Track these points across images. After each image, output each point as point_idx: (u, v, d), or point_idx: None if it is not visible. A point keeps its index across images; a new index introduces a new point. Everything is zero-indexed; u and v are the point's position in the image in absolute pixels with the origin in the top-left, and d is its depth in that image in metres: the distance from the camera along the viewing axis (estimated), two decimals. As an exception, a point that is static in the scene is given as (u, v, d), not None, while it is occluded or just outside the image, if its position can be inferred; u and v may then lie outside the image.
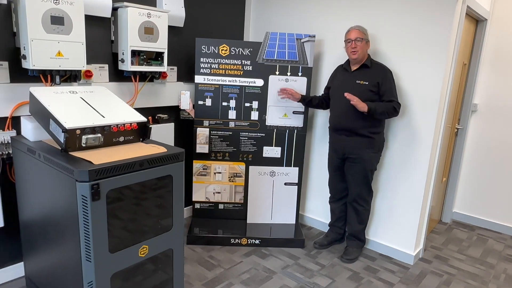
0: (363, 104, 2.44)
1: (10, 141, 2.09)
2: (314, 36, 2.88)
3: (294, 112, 2.98)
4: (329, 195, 2.97)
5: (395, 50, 2.68)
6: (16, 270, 2.31)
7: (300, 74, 2.93)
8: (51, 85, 2.15)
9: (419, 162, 2.68)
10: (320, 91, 3.10)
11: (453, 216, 3.73)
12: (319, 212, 3.31)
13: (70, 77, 2.24)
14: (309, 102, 2.90)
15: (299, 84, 2.93)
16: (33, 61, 1.96)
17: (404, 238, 2.83)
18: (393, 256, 2.88)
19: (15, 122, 2.14)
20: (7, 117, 2.10)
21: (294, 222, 3.15)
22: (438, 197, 3.41)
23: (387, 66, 2.60)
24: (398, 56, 2.67)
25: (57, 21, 2.01)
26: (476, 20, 3.21)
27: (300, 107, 2.96)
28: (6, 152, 2.11)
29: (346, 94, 2.45)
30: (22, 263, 2.29)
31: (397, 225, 2.85)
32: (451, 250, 3.10)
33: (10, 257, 2.29)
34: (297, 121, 3.00)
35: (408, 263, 2.81)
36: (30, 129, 1.93)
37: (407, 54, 2.63)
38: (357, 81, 2.56)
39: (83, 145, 1.73)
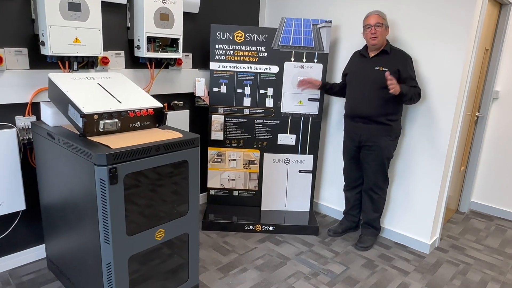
0: (398, 87, 2.34)
1: (30, 127, 2.14)
2: (330, 22, 2.83)
3: (309, 99, 2.95)
4: (344, 183, 2.95)
5: (414, 35, 2.61)
6: (38, 252, 2.39)
7: (315, 60, 2.89)
8: (69, 71, 2.18)
9: (437, 150, 2.63)
10: (337, 78, 3.06)
11: (471, 206, 3.66)
12: (334, 200, 3.30)
13: (87, 63, 2.27)
14: (330, 89, 2.86)
15: (314, 70, 2.90)
16: (51, 48, 1.99)
17: (420, 227, 2.80)
18: (408, 244, 2.86)
19: (35, 107, 2.19)
20: (27, 103, 2.15)
21: (308, 210, 3.15)
22: (455, 186, 3.35)
23: (407, 51, 2.54)
24: (417, 41, 2.60)
25: (74, 7, 2.02)
26: (500, 4, 3.09)
27: (316, 94, 2.93)
28: (27, 137, 2.17)
29: (387, 74, 2.32)
30: (44, 245, 2.36)
31: (413, 213, 2.82)
32: (468, 239, 3.06)
33: (32, 239, 2.36)
34: (312, 108, 2.97)
35: (424, 252, 2.78)
36: (49, 115, 1.97)
37: (426, 39, 2.56)
38: (376, 68, 2.50)
39: (101, 130, 1.76)
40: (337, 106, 3.12)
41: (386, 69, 2.46)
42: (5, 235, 2.23)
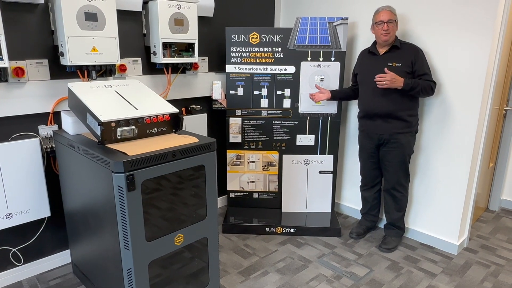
0: (398, 83, 2.34)
1: (52, 135, 2.20)
2: (347, 19, 2.77)
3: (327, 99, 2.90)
4: (360, 183, 2.89)
5: (432, 24, 2.51)
6: (63, 257, 2.45)
7: (333, 59, 2.84)
8: (88, 80, 2.23)
9: (462, 146, 2.53)
10: (355, 76, 3.00)
11: (502, 204, 3.51)
12: (356, 200, 3.23)
13: (105, 71, 2.31)
14: (344, 96, 2.83)
15: (332, 69, 2.85)
16: (70, 58, 2.03)
17: (447, 227, 2.70)
18: (435, 245, 2.76)
19: (57, 117, 2.25)
20: (49, 113, 2.21)
21: (330, 211, 3.10)
22: (484, 183, 3.22)
23: (418, 45, 2.49)
24: (435, 30, 2.50)
25: (91, 17, 2.06)
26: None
27: (334, 93, 2.88)
28: (50, 146, 2.23)
29: (380, 75, 2.35)
30: (68, 250, 2.42)
31: (439, 212, 2.72)
32: (499, 239, 2.92)
33: (57, 244, 2.42)
34: (331, 108, 2.92)
35: (452, 253, 2.68)
36: (69, 123, 2.01)
37: (446, 27, 2.46)
38: (389, 64, 2.46)
39: (118, 137, 1.78)
40: (356, 104, 3.05)
41: (400, 64, 2.42)
42: (32, 241, 2.30)
